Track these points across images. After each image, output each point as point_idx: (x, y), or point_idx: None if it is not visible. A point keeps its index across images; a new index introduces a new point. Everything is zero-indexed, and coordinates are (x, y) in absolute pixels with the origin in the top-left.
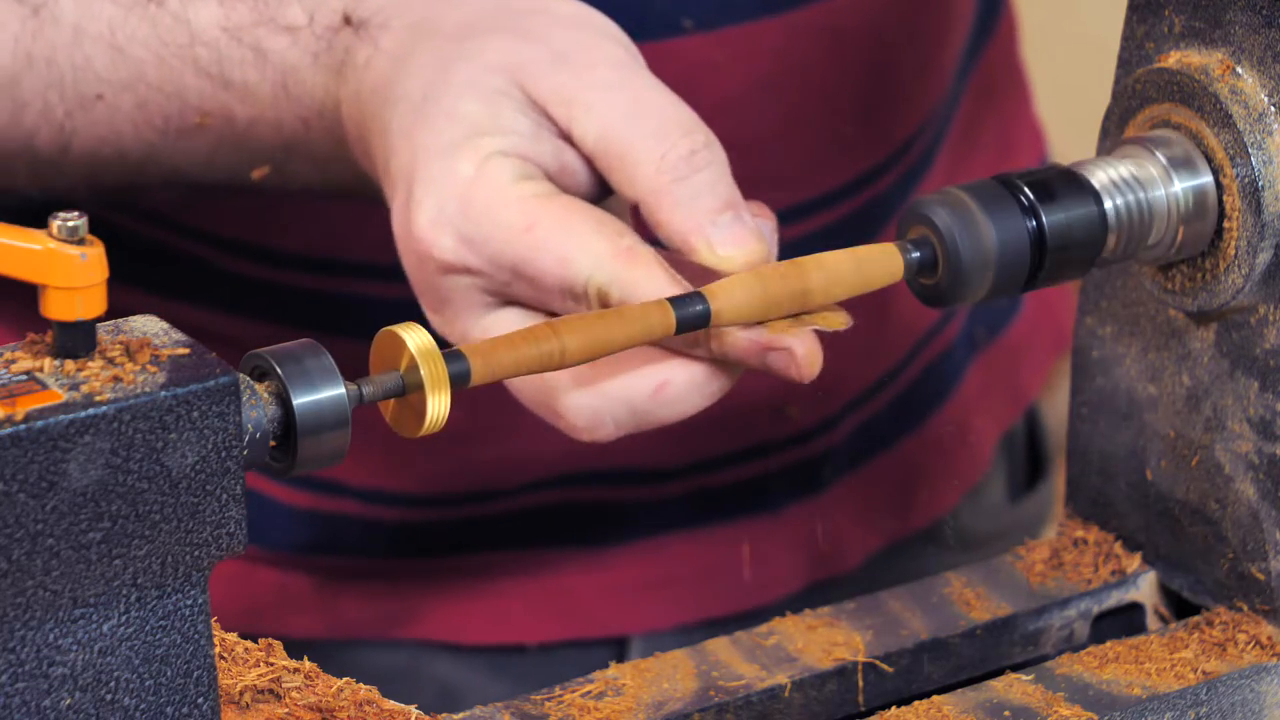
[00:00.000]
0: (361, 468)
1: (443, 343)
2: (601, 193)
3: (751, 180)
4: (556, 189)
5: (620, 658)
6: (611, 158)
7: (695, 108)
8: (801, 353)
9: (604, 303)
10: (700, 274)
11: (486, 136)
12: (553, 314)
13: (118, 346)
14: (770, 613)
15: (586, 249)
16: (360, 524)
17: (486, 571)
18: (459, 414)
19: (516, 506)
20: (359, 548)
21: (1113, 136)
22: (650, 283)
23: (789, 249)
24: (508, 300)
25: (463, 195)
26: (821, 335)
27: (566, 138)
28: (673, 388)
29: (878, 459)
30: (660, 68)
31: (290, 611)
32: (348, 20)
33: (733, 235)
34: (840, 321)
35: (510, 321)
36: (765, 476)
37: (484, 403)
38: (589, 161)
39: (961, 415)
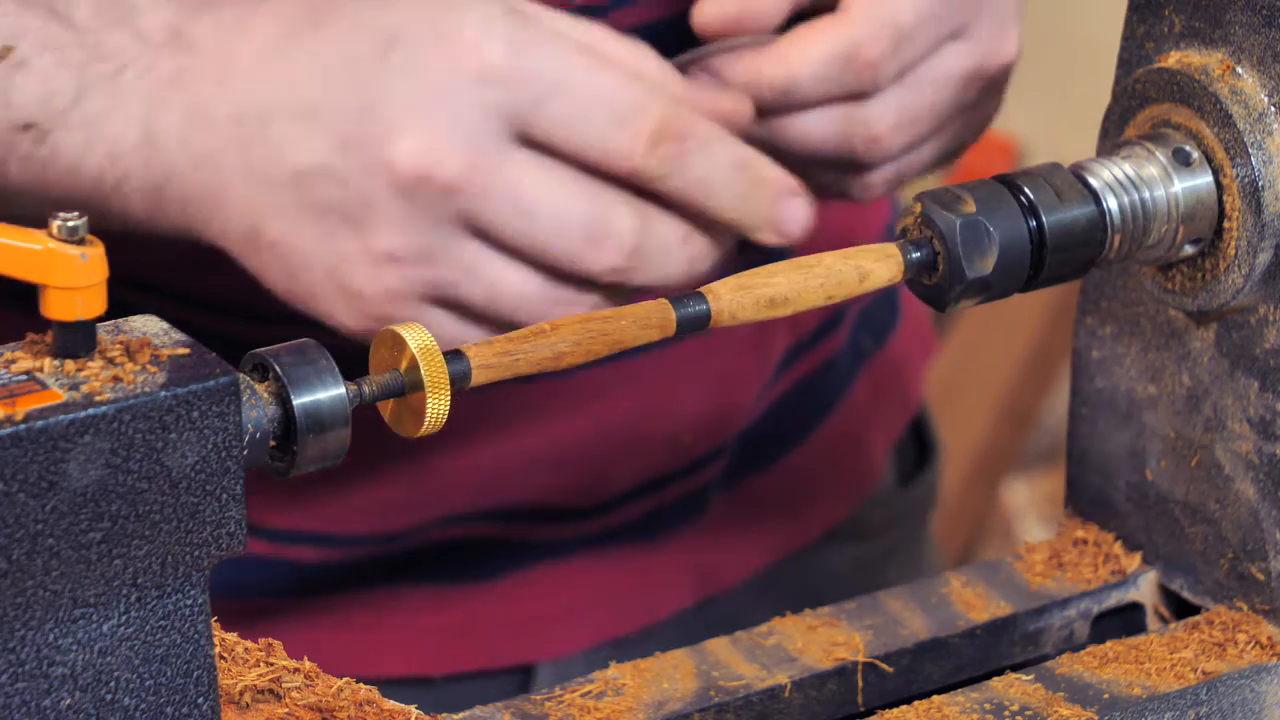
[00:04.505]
0: (272, 509)
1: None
2: None
3: None
4: None
5: (526, 685)
6: None
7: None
8: None
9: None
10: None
11: None
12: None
13: (118, 346)
14: (661, 629)
15: (645, 51)
16: (268, 564)
17: (391, 605)
18: (367, 452)
19: (423, 542)
20: (268, 589)
21: (1113, 136)
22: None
23: None
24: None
25: (507, 4)
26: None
27: None
28: None
29: (766, 472)
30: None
31: None
32: None
33: None
34: None
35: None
36: (661, 506)
37: (394, 441)
38: None
39: (851, 425)
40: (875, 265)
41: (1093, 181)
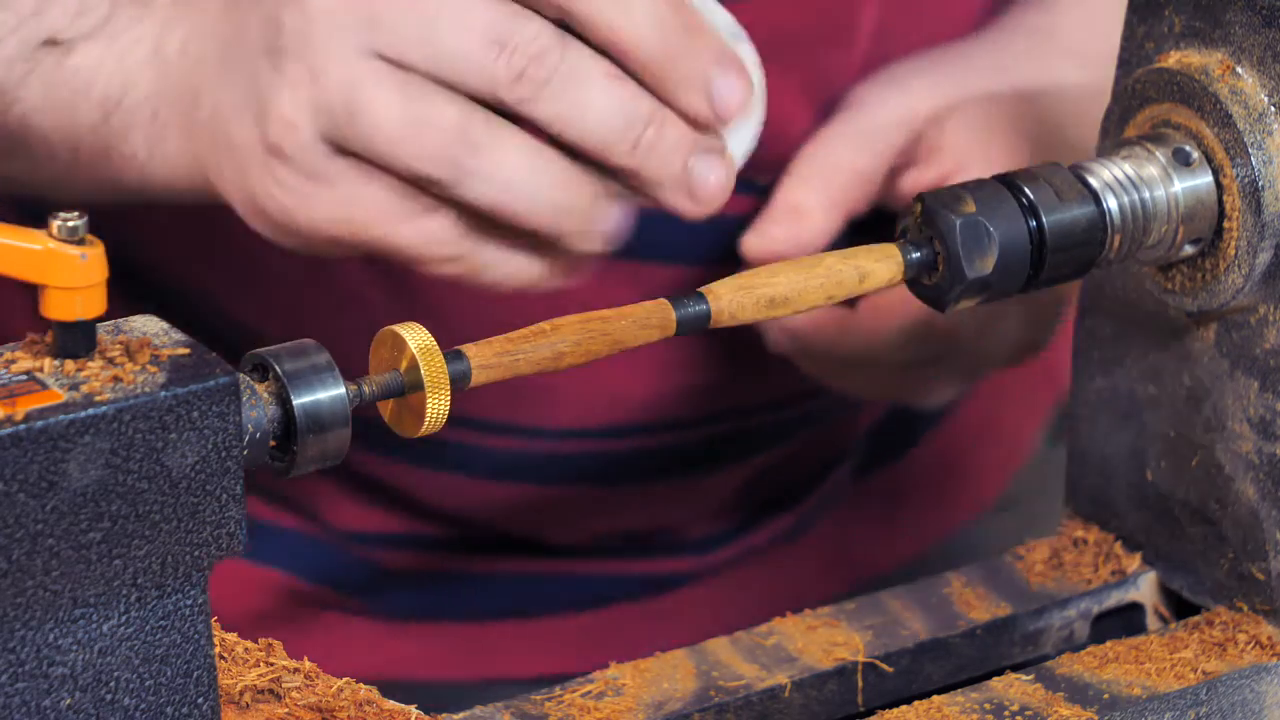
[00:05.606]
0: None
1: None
2: None
3: None
4: None
5: None
6: None
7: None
8: None
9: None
10: None
11: None
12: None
13: (118, 346)
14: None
15: None
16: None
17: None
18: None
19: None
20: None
21: (1113, 136)
22: None
23: None
24: None
25: None
26: None
27: None
28: None
29: (901, 461)
30: None
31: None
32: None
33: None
34: None
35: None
36: (801, 517)
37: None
38: None
39: (993, 407)
40: (875, 265)
41: (1093, 181)
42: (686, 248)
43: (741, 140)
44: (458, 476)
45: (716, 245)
